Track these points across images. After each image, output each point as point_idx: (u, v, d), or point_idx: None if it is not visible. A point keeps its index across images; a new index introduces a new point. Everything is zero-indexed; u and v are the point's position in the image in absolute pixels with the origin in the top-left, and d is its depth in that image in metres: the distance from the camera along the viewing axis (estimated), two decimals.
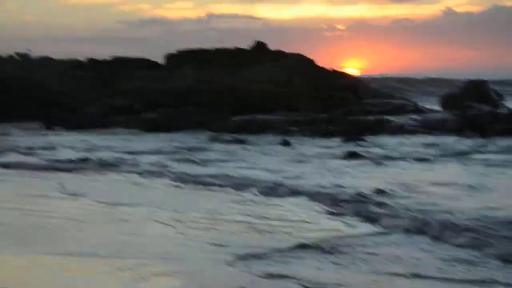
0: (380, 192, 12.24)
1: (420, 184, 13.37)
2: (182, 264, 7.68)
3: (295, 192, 12.66)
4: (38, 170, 16.38)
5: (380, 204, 11.12)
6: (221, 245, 8.72)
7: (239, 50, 43.18)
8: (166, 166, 16.99)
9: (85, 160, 18.00)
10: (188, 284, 6.92)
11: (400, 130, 26.92)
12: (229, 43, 45.30)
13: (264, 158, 19.18)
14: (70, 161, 17.87)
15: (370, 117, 29.23)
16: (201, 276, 7.22)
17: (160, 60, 43.36)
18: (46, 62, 45.37)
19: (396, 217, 10.05)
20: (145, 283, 6.86)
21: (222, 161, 18.20)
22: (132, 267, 7.40)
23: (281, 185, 13.39)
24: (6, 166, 16.93)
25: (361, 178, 14.62)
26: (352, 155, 18.99)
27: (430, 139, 23.98)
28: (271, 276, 7.18)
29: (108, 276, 7.13)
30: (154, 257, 7.95)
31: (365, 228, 9.71)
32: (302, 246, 8.52)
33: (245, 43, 43.19)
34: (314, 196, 12.16)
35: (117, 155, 19.56)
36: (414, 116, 30.11)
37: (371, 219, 10.18)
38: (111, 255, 8.01)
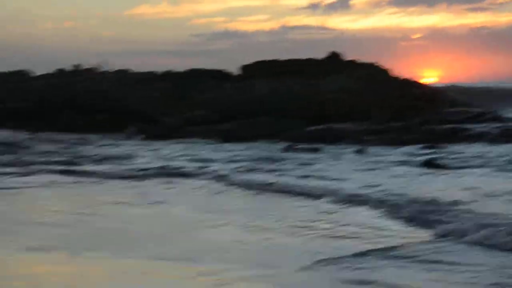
0: (454, 201, 12.06)
1: (497, 194, 13.10)
2: (264, 269, 7.76)
3: (369, 201, 12.64)
4: (118, 179, 16.80)
5: (453, 213, 10.98)
6: (300, 250, 8.81)
7: (313, 61, 43.25)
8: (241, 175, 17.20)
9: (162, 168, 18.38)
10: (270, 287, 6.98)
11: (478, 138, 26.43)
12: (303, 54, 45.27)
13: (338, 167, 19.17)
14: (148, 169, 18.27)
15: (447, 126, 28.82)
16: (283, 281, 7.29)
17: (234, 71, 43.82)
18: (123, 75, 46.46)
19: (467, 227, 9.88)
20: (227, 287, 6.94)
21: (297, 170, 18.29)
22: (213, 272, 7.50)
23: (355, 194, 13.37)
24: (88, 174, 17.45)
25: (435, 187, 14.45)
26: (428, 164, 18.81)
27: (510, 148, 23.47)
28: (352, 282, 7.20)
29: (190, 281, 7.25)
30: (234, 262, 8.06)
31: (437, 236, 9.63)
32: (378, 252, 8.54)
33: (319, 54, 43.24)
34: (387, 204, 12.12)
35: (193, 164, 19.91)
36: (493, 125, 29.51)
37: (443, 228, 10.07)
38: (191, 260, 8.16)
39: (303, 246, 9.08)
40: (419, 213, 11.24)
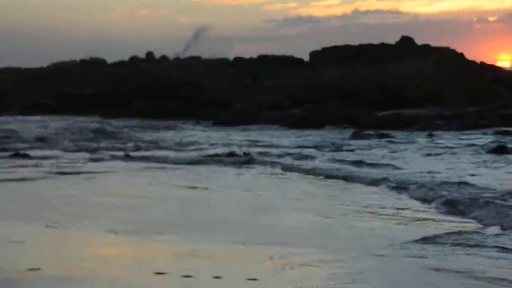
0: None
1: None
2: (334, 253, 7.76)
3: (428, 188, 12.31)
4: (188, 164, 17.03)
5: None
6: (369, 235, 8.77)
7: (384, 45, 42.79)
8: (307, 161, 17.22)
9: (231, 155, 18.53)
10: (340, 272, 6.95)
11: None
12: (375, 39, 44.98)
13: (405, 153, 18.95)
14: (218, 155, 18.46)
15: None
16: (354, 265, 7.26)
17: (305, 57, 43.80)
18: (196, 61, 47.01)
19: None
20: (295, 270, 6.97)
21: (362, 156, 18.18)
22: (282, 255, 7.54)
23: (416, 181, 13.06)
24: (158, 160, 17.73)
25: (503, 175, 14.06)
26: (500, 150, 18.35)
27: None
28: (424, 267, 7.12)
29: (259, 265, 7.30)
30: (305, 246, 8.07)
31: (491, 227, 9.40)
32: (444, 237, 8.43)
33: (392, 39, 42.83)
34: (447, 191, 11.82)
35: (261, 149, 20.01)
36: None
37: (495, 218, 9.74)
38: (260, 243, 8.22)
39: (371, 231, 9.05)
40: (473, 201, 10.89)
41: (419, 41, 42.82)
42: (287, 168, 16.17)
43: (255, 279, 6.31)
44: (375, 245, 8.08)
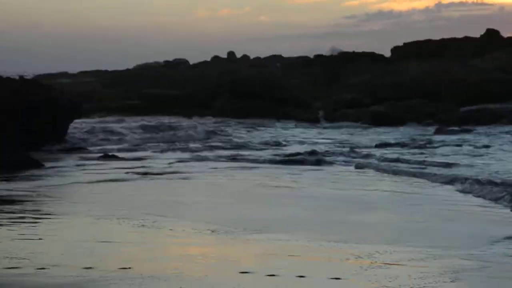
0: None
1: None
2: (424, 251, 7.76)
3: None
4: (271, 163, 17.19)
5: None
6: (460, 232, 8.79)
7: (468, 39, 41.98)
8: (387, 159, 17.19)
9: (313, 153, 18.65)
10: (434, 271, 6.92)
11: None
12: (459, 33, 44.14)
13: (490, 149, 18.65)
14: (299, 154, 18.60)
15: None
16: (451, 262, 7.25)
17: (387, 53, 43.41)
18: (276, 60, 47.29)
19: None
20: (382, 269, 6.99)
21: (447, 152, 17.99)
22: (368, 253, 7.59)
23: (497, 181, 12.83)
24: (251, 160, 17.94)
25: None
26: None
27: None
28: None
29: (343, 262, 7.37)
30: (391, 244, 8.11)
31: None
32: None
33: (476, 32, 42.01)
34: None
35: (340, 148, 20.10)
36: None
37: None
38: (344, 241, 8.30)
39: (465, 229, 9.06)
40: None
41: (505, 33, 41.89)
42: (368, 166, 16.20)
43: (339, 278, 6.43)
44: (472, 243, 8.07)
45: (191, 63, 52.58)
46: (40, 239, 8.30)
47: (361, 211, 10.75)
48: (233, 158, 18.12)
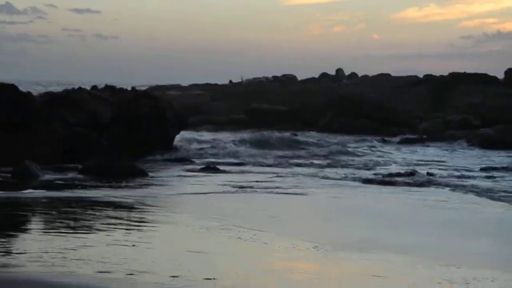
0: None
1: None
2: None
3: None
4: (373, 184, 16.97)
5: None
6: None
7: None
8: (494, 186, 16.78)
9: (413, 173, 18.41)
10: None
11: None
12: None
13: None
14: (400, 174, 18.41)
15: None
16: None
17: (501, 75, 42.20)
18: (384, 79, 46.89)
19: None
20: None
21: None
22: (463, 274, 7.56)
23: None
24: (350, 178, 17.93)
25: None
26: None
27: None
28: None
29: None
30: (489, 268, 8.06)
31: None
32: None
33: None
34: None
35: (444, 171, 19.73)
36: None
37: None
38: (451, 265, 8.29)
39: None
40: None
41: None
42: (471, 191, 15.84)
43: None
44: None
45: (299, 79, 52.89)
46: (133, 245, 8.68)
47: (464, 236, 10.61)
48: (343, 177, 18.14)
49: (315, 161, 21.98)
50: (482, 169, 20.47)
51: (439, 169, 20.44)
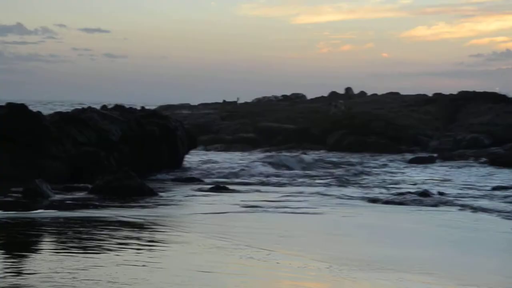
0: None
1: None
2: None
3: None
4: (388, 204, 16.86)
5: None
6: None
7: None
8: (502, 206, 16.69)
9: (424, 194, 18.28)
10: None
11: None
12: None
13: None
14: (410, 193, 18.31)
15: None
16: None
17: (511, 93, 42.15)
18: (394, 97, 46.90)
19: None
20: None
21: None
22: None
23: None
24: (355, 197, 17.90)
25: None
26: None
27: None
28: None
29: None
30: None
31: None
32: None
33: None
34: None
35: (452, 190, 19.65)
36: None
37: None
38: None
39: None
40: None
41: None
42: (482, 210, 15.70)
43: None
44: None
45: (309, 97, 53.02)
46: (144, 265, 8.65)
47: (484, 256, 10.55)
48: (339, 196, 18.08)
49: (325, 181, 21.91)
50: (494, 188, 20.36)
51: (450, 188, 20.34)
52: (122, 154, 21.72)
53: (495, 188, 20.35)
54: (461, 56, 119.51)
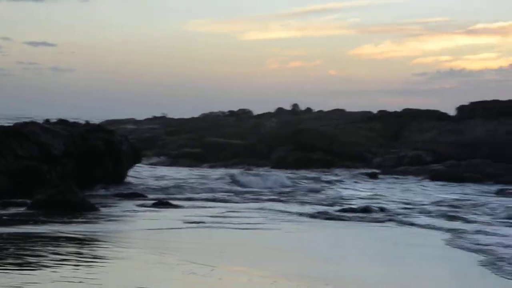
0: None
1: None
2: None
3: None
4: (331, 220, 16.91)
5: None
6: None
7: None
8: (448, 219, 17.00)
9: (366, 210, 18.41)
10: None
11: None
12: None
13: None
14: (353, 210, 18.43)
15: None
16: None
17: (453, 112, 42.95)
18: (339, 114, 47.39)
19: None
20: None
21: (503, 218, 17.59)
22: None
23: None
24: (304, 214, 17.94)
25: None
26: None
27: None
28: None
29: None
30: None
31: None
32: None
33: None
34: None
35: (399, 205, 19.96)
36: None
37: None
38: None
39: None
40: None
41: None
42: (427, 227, 15.86)
43: None
44: None
45: (255, 113, 53.15)
46: (80, 281, 8.50)
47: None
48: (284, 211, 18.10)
49: (269, 196, 21.96)
50: (433, 203, 20.76)
51: (391, 203, 20.58)
52: (65, 169, 21.39)
53: (434, 203, 20.75)
54: (406, 74, 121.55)
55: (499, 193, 24.51)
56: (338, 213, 17.95)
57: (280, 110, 52.64)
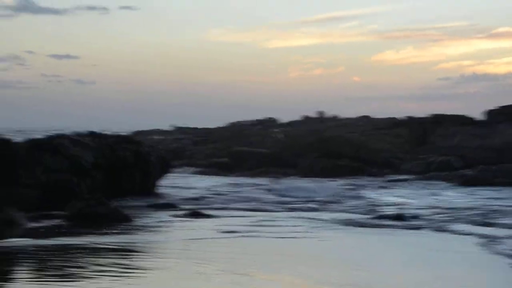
0: None
1: None
2: None
3: None
4: (366, 227, 16.80)
5: None
6: None
7: None
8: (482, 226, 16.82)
9: (399, 217, 18.25)
10: None
11: None
12: None
13: None
14: (385, 217, 18.31)
15: None
16: None
17: (479, 116, 42.66)
18: (365, 120, 47.26)
19: None
20: None
21: None
22: None
23: None
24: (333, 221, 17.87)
25: None
26: None
27: None
28: None
29: None
30: None
31: None
32: None
33: None
34: None
35: (432, 210, 19.77)
36: None
37: None
38: None
39: None
40: None
41: None
42: (461, 233, 15.68)
43: None
44: None
45: (282, 121, 53.19)
46: None
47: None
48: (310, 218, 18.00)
49: (303, 204, 21.82)
50: (465, 209, 20.53)
51: (423, 209, 20.41)
52: (94, 180, 21.48)
53: (465, 209, 20.54)
54: (430, 79, 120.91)
55: None
56: (371, 221, 17.85)
57: (306, 117, 52.64)
